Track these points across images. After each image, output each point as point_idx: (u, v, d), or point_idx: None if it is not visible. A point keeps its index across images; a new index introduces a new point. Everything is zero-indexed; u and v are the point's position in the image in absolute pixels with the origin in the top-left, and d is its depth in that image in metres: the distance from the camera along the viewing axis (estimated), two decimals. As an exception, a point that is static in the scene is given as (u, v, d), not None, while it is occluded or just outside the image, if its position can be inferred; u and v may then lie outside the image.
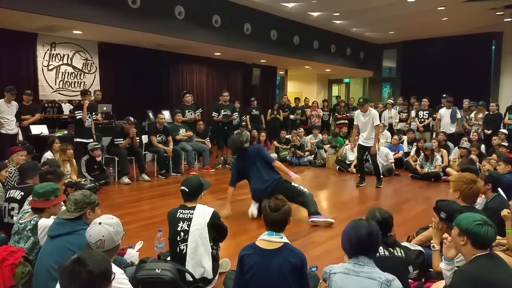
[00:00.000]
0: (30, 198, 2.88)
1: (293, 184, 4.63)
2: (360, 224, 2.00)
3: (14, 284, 2.26)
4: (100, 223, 1.97)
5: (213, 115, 8.10)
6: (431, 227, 2.77)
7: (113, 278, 1.53)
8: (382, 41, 13.66)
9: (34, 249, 2.67)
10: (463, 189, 2.84)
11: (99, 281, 1.44)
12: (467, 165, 4.55)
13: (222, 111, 8.05)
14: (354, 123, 6.75)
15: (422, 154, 7.42)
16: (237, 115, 8.70)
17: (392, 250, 2.30)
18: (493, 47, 12.13)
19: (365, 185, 6.60)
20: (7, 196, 3.52)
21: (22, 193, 3.35)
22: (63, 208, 3.04)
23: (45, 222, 2.65)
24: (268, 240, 2.13)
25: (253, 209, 4.66)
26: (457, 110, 8.72)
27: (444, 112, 8.75)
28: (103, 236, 1.93)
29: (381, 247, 2.23)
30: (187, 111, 7.93)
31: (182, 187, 2.90)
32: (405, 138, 8.81)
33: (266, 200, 2.21)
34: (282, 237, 2.14)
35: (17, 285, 2.27)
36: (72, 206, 2.34)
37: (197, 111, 8.13)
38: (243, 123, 9.35)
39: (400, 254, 2.31)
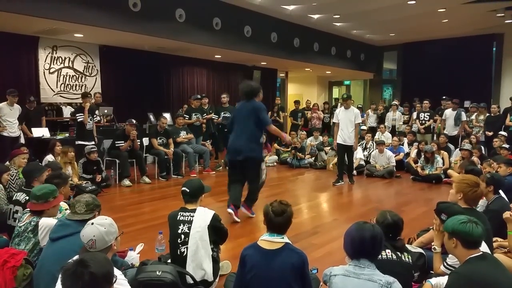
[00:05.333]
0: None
1: (261, 167, 4.64)
2: (364, 227, 2.00)
3: (15, 286, 2.27)
4: (92, 224, 1.99)
5: (213, 117, 8.12)
6: (432, 229, 2.77)
7: (115, 281, 1.54)
8: (382, 43, 13.67)
9: (34, 249, 2.67)
10: (467, 191, 2.82)
11: (101, 282, 1.45)
12: (471, 166, 4.52)
13: (222, 113, 8.06)
14: (334, 120, 6.87)
15: (423, 156, 7.41)
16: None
17: (400, 255, 2.27)
18: (494, 48, 12.11)
19: (362, 188, 6.63)
20: (14, 198, 3.51)
21: (27, 197, 3.30)
22: (64, 208, 3.05)
23: (47, 221, 2.65)
24: (269, 240, 2.14)
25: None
26: (462, 113, 8.66)
27: (449, 114, 8.73)
28: (94, 236, 1.94)
29: (389, 250, 2.23)
30: (193, 113, 7.94)
31: (183, 188, 2.92)
32: (405, 139, 8.81)
33: (268, 205, 2.20)
34: (283, 238, 2.15)
35: (18, 287, 2.27)
36: (83, 208, 2.37)
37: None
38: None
39: (407, 259, 2.28)
